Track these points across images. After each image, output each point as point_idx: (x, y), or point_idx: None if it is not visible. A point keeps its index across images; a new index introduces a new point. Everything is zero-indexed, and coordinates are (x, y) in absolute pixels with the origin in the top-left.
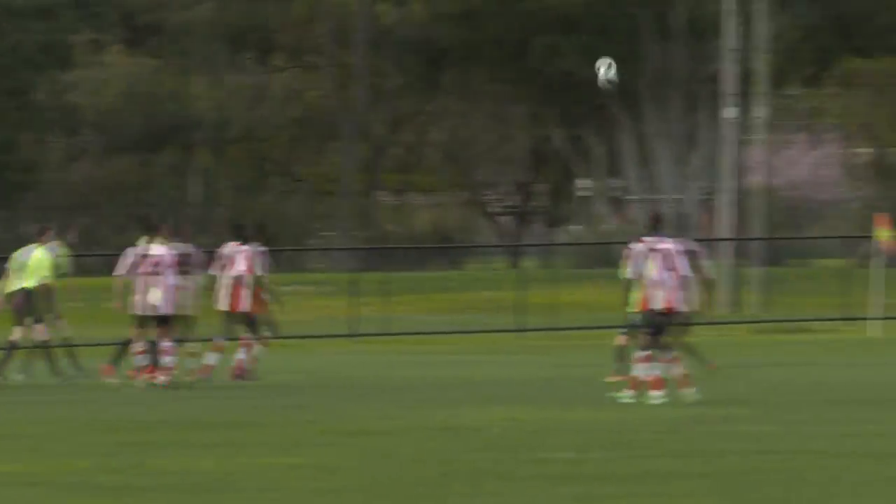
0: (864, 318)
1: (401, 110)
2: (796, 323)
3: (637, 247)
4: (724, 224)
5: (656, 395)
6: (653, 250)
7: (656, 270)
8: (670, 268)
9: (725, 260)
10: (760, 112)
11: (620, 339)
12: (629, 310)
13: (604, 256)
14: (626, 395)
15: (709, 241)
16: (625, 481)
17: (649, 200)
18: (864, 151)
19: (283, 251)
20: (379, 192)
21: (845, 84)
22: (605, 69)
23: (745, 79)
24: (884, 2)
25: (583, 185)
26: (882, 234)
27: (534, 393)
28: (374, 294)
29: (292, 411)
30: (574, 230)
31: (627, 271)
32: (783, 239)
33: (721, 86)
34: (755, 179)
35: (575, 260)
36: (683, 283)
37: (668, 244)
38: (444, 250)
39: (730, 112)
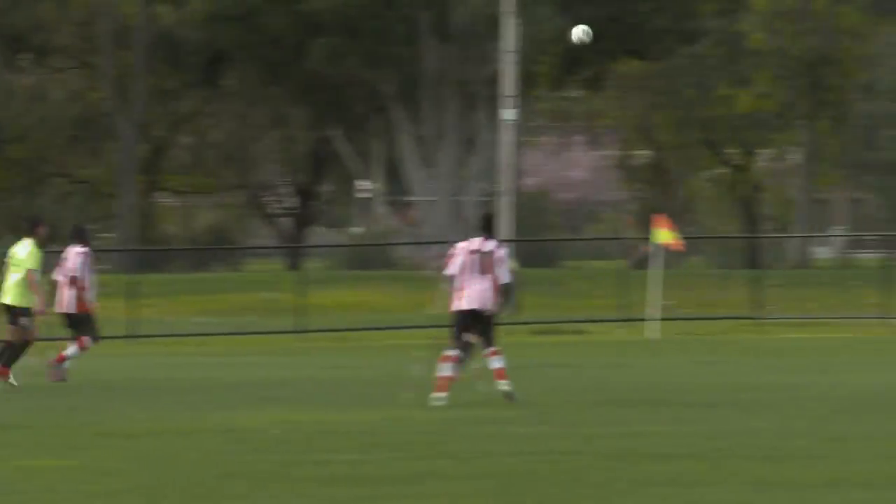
0: (642, 320)
1: (180, 111)
2: (573, 324)
3: (460, 246)
4: (503, 225)
5: (438, 398)
6: (472, 251)
7: (472, 271)
8: (485, 270)
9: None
10: (514, 114)
11: (471, 338)
12: (448, 309)
13: (383, 258)
14: (438, 397)
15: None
16: (405, 482)
17: (429, 202)
18: (641, 153)
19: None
20: (158, 193)
21: (622, 87)
22: (580, 34)
23: (524, 81)
24: (660, 5)
25: (362, 186)
26: (659, 235)
27: (314, 394)
28: (154, 296)
29: (67, 413)
30: (354, 232)
31: (447, 269)
32: (560, 241)
33: (499, 88)
34: (533, 181)
35: (355, 261)
36: (496, 285)
37: (489, 246)
38: (223, 252)
39: (507, 114)
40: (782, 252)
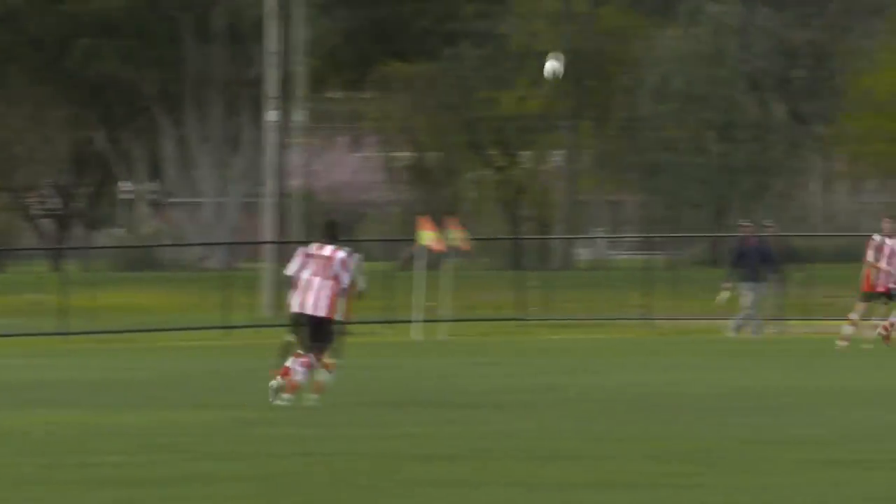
0: (408, 321)
1: None
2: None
3: (304, 249)
4: (267, 227)
5: (287, 398)
6: (312, 255)
7: (309, 275)
8: (323, 274)
9: (269, 263)
10: (300, 115)
11: (290, 338)
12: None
13: (145, 259)
14: (284, 398)
15: (252, 245)
16: (170, 484)
17: (191, 204)
18: (404, 155)
19: None
20: None
21: (385, 88)
22: (555, 68)
23: (287, 82)
24: (422, 7)
25: (124, 187)
26: (424, 236)
27: (79, 396)
28: None
29: None
30: (116, 233)
31: (286, 270)
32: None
33: (263, 89)
34: (296, 182)
35: (118, 263)
36: (335, 290)
37: (329, 251)
38: None
39: (271, 115)
40: (545, 253)
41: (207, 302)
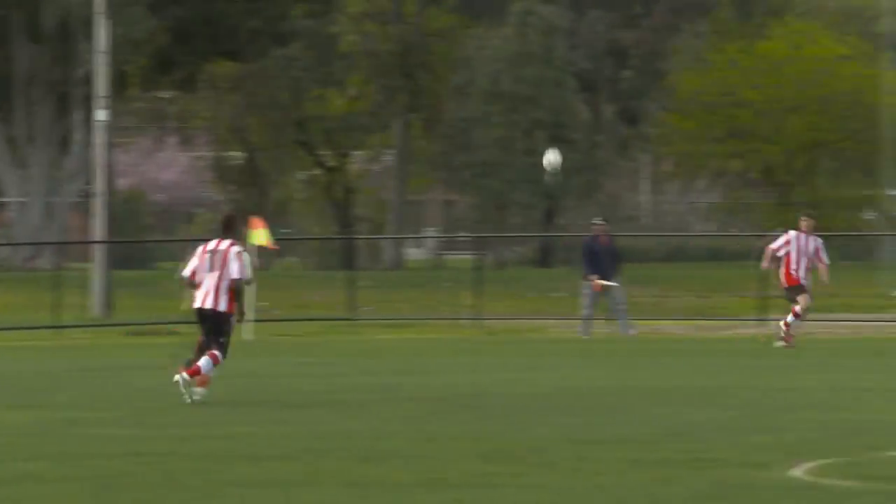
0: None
1: None
2: (167, 326)
3: (203, 246)
4: (97, 227)
5: (200, 391)
6: (207, 250)
7: (204, 270)
8: (217, 268)
9: (98, 263)
10: (103, 115)
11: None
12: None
13: None
14: (198, 391)
15: (82, 245)
16: (1, 484)
17: (21, 203)
18: (234, 154)
19: None
20: None
21: (215, 87)
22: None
23: (117, 81)
24: (252, 6)
25: None
26: (256, 235)
27: None
28: None
29: None
30: None
31: (182, 271)
32: (154, 242)
33: (93, 88)
34: (125, 182)
35: None
36: (230, 284)
37: (225, 246)
38: None
39: (101, 115)
40: (376, 253)
41: (37, 302)
